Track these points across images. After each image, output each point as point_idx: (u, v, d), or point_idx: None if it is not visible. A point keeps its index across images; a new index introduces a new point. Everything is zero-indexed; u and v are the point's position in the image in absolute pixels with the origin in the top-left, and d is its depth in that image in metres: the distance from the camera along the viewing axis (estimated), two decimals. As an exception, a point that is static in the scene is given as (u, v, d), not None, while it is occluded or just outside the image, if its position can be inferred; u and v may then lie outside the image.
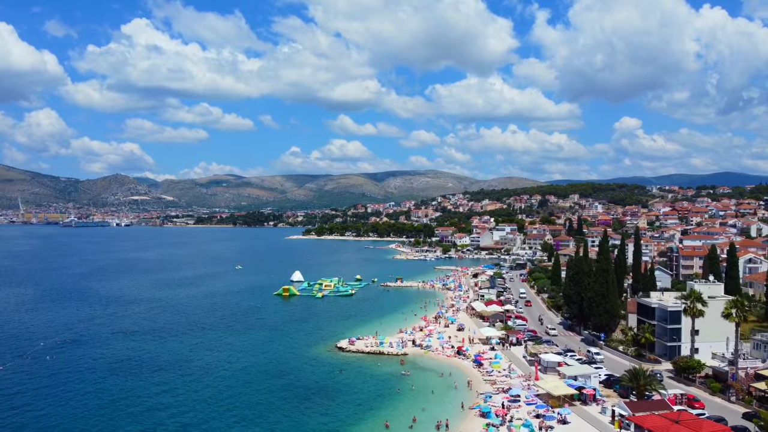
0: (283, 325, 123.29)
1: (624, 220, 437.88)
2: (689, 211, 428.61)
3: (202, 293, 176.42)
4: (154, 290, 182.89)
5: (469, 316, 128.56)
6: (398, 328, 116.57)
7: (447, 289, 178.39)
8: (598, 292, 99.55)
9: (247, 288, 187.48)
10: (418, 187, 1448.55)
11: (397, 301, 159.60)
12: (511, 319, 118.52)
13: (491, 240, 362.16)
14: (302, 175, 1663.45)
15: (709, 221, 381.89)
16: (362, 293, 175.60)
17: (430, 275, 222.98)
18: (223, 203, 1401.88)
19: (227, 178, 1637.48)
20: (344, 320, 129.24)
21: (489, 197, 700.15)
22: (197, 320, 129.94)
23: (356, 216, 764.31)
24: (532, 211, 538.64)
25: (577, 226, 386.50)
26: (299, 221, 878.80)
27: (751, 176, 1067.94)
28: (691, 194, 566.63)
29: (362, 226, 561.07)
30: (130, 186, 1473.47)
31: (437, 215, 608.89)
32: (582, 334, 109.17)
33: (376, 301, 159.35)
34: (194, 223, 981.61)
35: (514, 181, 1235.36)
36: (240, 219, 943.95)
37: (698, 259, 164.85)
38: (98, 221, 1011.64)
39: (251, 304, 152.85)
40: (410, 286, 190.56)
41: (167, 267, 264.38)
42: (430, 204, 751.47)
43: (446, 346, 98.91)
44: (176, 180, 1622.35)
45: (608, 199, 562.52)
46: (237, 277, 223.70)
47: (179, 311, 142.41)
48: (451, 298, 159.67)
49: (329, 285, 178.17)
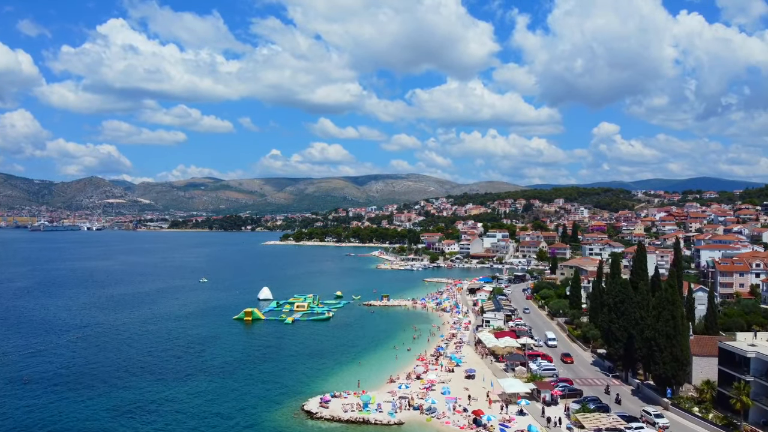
0: (236, 369, 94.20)
1: (619, 226, 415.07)
2: (687, 217, 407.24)
3: (151, 316, 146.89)
4: (95, 312, 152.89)
5: (477, 354, 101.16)
6: (387, 374, 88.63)
7: (442, 310, 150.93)
8: (662, 331, 72.75)
9: (206, 309, 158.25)
10: (399, 191, 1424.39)
11: (384, 328, 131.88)
12: (535, 361, 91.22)
13: (482, 247, 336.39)
14: (282, 179, 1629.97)
15: (708, 227, 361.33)
16: (342, 315, 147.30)
17: (420, 290, 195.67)
18: (201, 206, 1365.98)
19: (205, 181, 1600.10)
20: (316, 360, 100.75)
21: (473, 201, 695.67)
22: (128, 360, 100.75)
23: (337, 220, 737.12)
24: (517, 216, 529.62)
25: (572, 232, 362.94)
26: (278, 225, 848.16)
27: (728, 181, 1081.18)
28: (678, 199, 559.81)
29: (343, 231, 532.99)
30: (106, 189, 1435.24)
31: (420, 219, 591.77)
32: (630, 383, 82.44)
33: (357, 329, 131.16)
34: (169, 227, 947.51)
35: (496, 185, 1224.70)
36: (216, 223, 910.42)
37: (738, 275, 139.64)
38: (69, 225, 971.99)
39: (204, 334, 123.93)
40: (398, 305, 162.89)
41: (124, 279, 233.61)
42: (413, 208, 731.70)
43: (457, 409, 71.12)
44: (153, 183, 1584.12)
45: (593, 203, 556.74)
46: (198, 293, 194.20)
47: (111, 345, 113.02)
48: (448, 323, 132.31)
49: (302, 306, 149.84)
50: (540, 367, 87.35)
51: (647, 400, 75.54)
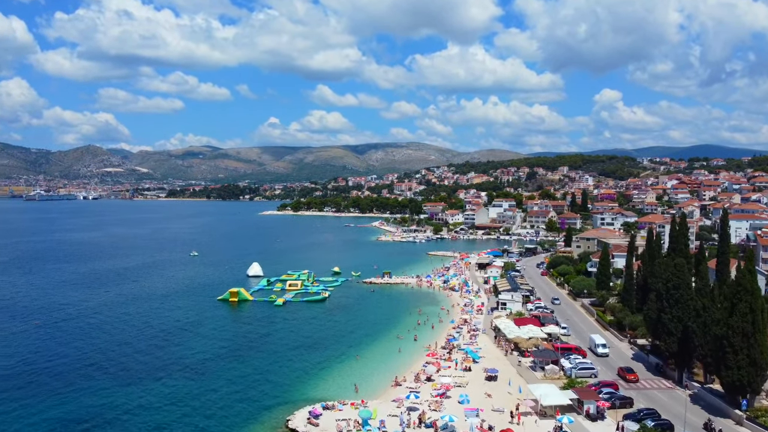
0: (212, 367, 79.42)
1: (629, 195, 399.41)
2: (700, 185, 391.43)
3: (131, 295, 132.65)
4: (71, 291, 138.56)
5: (497, 346, 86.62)
6: (391, 375, 74.05)
7: (450, 289, 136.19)
8: (738, 328, 57.96)
9: (191, 287, 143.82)
10: (400, 160, 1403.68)
11: (386, 311, 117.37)
12: (567, 356, 76.65)
13: (487, 217, 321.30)
14: (281, 147, 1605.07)
15: (723, 195, 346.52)
16: (339, 295, 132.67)
17: (424, 265, 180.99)
18: (199, 175, 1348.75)
19: (203, 150, 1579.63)
20: (308, 353, 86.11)
21: (475, 170, 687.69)
22: (95, 352, 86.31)
23: (337, 189, 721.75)
24: (520, 184, 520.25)
25: (581, 201, 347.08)
26: (277, 195, 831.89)
27: (730, 149, 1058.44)
28: (684, 166, 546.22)
29: (342, 201, 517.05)
30: (103, 158, 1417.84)
31: (421, 188, 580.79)
32: (690, 387, 68.02)
33: (356, 312, 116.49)
34: (166, 196, 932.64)
35: (497, 153, 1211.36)
36: (214, 192, 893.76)
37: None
38: (65, 194, 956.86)
39: (184, 318, 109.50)
40: (401, 283, 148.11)
41: (110, 253, 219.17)
42: (413, 177, 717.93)
43: (482, 427, 56.42)
44: (151, 151, 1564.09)
45: (598, 171, 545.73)
46: (186, 268, 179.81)
47: (79, 333, 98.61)
48: (458, 306, 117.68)
49: (295, 284, 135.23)
50: (575, 365, 72.81)
51: (713, 411, 61.12)
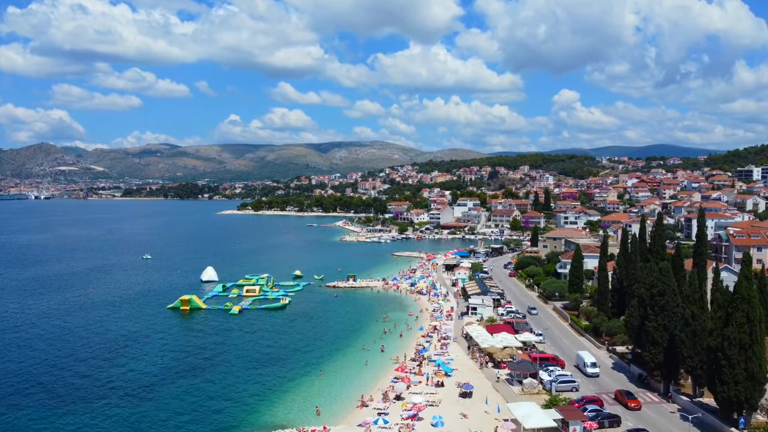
0: (157, 389, 70.95)
1: (590, 193, 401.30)
2: (659, 183, 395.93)
3: (75, 304, 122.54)
4: (10, 298, 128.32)
5: (470, 357, 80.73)
6: (357, 393, 67.10)
7: (418, 292, 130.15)
8: (734, 340, 53.17)
9: (141, 294, 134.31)
10: (363, 159, 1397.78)
11: (351, 318, 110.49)
12: (545, 367, 71.15)
13: (452, 217, 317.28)
14: (242, 145, 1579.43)
15: (683, 194, 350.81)
16: (300, 301, 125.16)
17: (389, 267, 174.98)
18: (157, 174, 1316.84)
19: (161, 148, 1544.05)
20: (264, 369, 78.30)
21: (438, 168, 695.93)
22: (25, 372, 76.99)
23: (299, 188, 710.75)
24: (483, 183, 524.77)
25: (544, 200, 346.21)
26: (237, 194, 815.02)
27: (684, 148, 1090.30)
28: (642, 165, 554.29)
29: (305, 200, 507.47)
30: (57, 156, 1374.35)
31: (386, 187, 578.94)
32: (675, 400, 63.24)
33: (319, 319, 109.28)
34: (122, 196, 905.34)
35: (459, 152, 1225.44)
36: (172, 191, 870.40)
37: (756, 250, 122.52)
38: (15, 194, 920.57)
39: (130, 330, 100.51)
40: (366, 286, 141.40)
41: (58, 256, 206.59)
42: (377, 176, 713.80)
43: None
44: (107, 150, 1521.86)
45: (558, 170, 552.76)
46: (138, 273, 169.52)
47: (12, 346, 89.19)
48: (427, 311, 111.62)
49: (252, 290, 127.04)
50: (555, 378, 67.36)
51: (706, 429, 56.28)
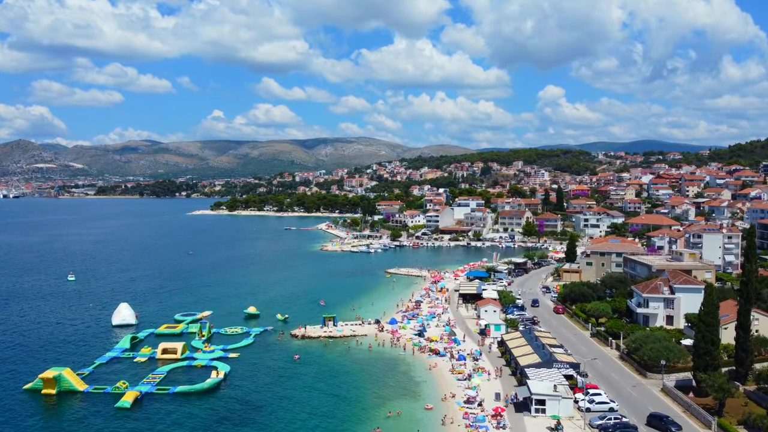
0: None
1: (604, 191, 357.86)
2: (680, 180, 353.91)
3: None
4: None
5: None
6: None
7: (432, 351, 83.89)
8: None
9: (17, 351, 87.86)
10: (350, 155, 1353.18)
11: (321, 416, 64.53)
12: None
13: (452, 219, 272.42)
14: (225, 141, 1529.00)
15: (711, 191, 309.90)
16: (244, 370, 78.02)
17: (384, 294, 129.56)
18: (138, 171, 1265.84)
19: (143, 145, 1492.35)
20: None
21: (428, 165, 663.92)
22: None
23: (283, 185, 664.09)
24: (475, 180, 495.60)
25: (556, 199, 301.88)
26: (217, 191, 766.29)
27: (669, 144, 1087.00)
28: (640, 160, 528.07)
29: (285, 199, 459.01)
30: (35, 153, 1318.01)
31: (373, 184, 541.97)
32: None
33: (265, 420, 63.12)
34: (95, 194, 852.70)
35: (447, 149, 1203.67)
36: (148, 189, 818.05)
37: None
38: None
39: None
40: (351, 336, 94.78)
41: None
42: (364, 172, 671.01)
43: None
44: (88, 146, 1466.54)
45: (553, 166, 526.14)
46: (39, 306, 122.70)
47: None
48: (453, 400, 65.84)
49: (173, 349, 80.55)
50: None
51: None
